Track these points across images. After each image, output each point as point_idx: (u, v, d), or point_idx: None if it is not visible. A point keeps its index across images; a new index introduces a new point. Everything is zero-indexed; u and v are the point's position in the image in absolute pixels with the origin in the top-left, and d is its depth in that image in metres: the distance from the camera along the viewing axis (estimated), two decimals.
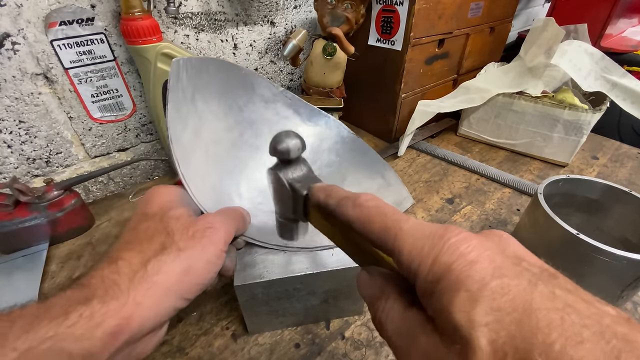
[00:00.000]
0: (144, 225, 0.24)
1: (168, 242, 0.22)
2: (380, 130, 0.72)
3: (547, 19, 0.63)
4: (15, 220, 0.42)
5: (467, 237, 0.14)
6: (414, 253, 0.14)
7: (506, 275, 0.12)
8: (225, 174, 0.37)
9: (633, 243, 0.39)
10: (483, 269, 0.12)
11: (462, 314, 0.12)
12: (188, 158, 0.30)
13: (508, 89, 0.64)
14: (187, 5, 0.52)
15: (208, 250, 0.23)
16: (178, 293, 0.21)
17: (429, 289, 0.13)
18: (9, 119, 0.44)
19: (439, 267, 0.13)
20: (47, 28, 0.42)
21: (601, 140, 0.71)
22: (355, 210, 0.17)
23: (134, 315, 0.19)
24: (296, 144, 0.23)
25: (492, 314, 0.11)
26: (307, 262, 0.31)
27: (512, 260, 0.13)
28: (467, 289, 0.12)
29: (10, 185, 0.41)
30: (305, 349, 0.34)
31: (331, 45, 0.56)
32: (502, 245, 0.14)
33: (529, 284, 0.12)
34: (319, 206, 0.21)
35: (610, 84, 0.61)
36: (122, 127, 0.54)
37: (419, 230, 0.15)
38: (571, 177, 0.40)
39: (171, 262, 0.21)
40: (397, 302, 0.16)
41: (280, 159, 0.24)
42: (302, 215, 0.24)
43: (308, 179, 0.24)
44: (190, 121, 0.32)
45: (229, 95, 0.38)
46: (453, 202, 0.54)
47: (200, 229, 0.24)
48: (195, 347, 0.34)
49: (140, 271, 0.20)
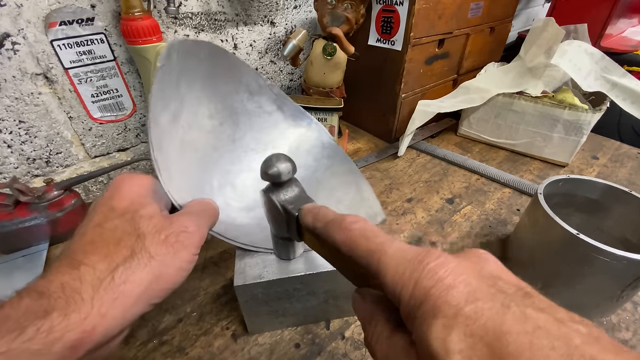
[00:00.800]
0: (111, 224, 0.22)
1: (138, 247, 0.21)
2: (380, 130, 0.72)
3: (547, 19, 0.63)
4: (15, 220, 0.42)
5: (445, 261, 0.14)
6: (397, 277, 0.14)
7: (480, 298, 0.12)
8: (199, 163, 0.35)
9: (633, 243, 0.39)
10: (459, 294, 0.13)
11: (438, 342, 0.12)
12: (163, 143, 0.29)
13: (508, 89, 0.64)
14: (187, 5, 0.52)
15: (180, 256, 0.22)
16: (146, 301, 0.20)
17: (411, 314, 0.14)
18: (9, 119, 0.44)
19: (419, 292, 0.13)
20: (47, 28, 0.42)
21: (601, 140, 0.71)
22: (341, 234, 0.18)
23: (97, 327, 0.18)
24: (287, 167, 0.24)
25: (466, 340, 0.12)
26: (307, 262, 0.31)
27: (488, 281, 0.13)
28: (444, 315, 0.12)
29: (10, 185, 0.41)
30: (305, 349, 0.34)
31: (331, 45, 0.56)
32: (480, 266, 0.15)
33: (502, 307, 0.12)
34: (307, 230, 0.21)
35: (610, 84, 0.61)
36: (122, 127, 0.54)
37: (401, 254, 0.15)
38: (571, 177, 0.40)
39: (141, 271, 0.20)
40: (385, 327, 0.16)
41: (272, 182, 0.25)
42: (296, 236, 0.24)
43: (300, 200, 0.24)
44: (171, 104, 0.31)
45: (215, 80, 0.36)
46: (453, 202, 0.54)
47: (174, 232, 0.22)
48: (195, 347, 0.34)
49: (106, 279, 0.19)
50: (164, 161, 0.27)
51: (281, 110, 0.42)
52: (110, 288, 0.19)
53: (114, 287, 0.19)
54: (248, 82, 0.39)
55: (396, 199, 0.54)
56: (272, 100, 0.41)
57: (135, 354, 0.33)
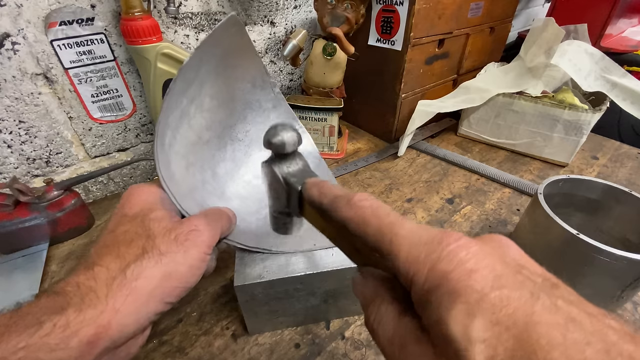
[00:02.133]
0: (123, 228, 0.23)
1: (149, 246, 0.21)
2: (380, 130, 0.72)
3: (547, 19, 0.64)
4: (15, 220, 0.42)
5: (467, 244, 0.13)
6: (410, 260, 0.14)
7: (506, 285, 0.12)
8: (193, 143, 0.34)
9: (633, 243, 0.39)
10: (483, 279, 0.12)
11: (459, 328, 0.11)
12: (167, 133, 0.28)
13: (508, 89, 0.64)
14: (187, 5, 0.52)
15: (191, 254, 0.22)
16: (159, 298, 0.21)
17: (425, 298, 0.13)
18: (9, 119, 0.44)
19: (435, 275, 0.13)
20: (47, 28, 0.42)
21: (601, 140, 0.71)
22: (348, 210, 0.17)
23: (112, 322, 0.18)
24: (292, 137, 0.23)
25: (491, 329, 0.11)
26: (307, 262, 0.31)
27: (513, 268, 0.13)
28: (465, 300, 0.11)
29: (10, 185, 0.41)
30: (305, 349, 0.34)
31: (331, 45, 0.56)
32: (502, 252, 0.14)
33: (531, 296, 0.11)
34: (311, 203, 0.20)
35: (610, 84, 0.61)
36: (122, 127, 0.54)
37: (415, 235, 0.14)
38: (571, 177, 0.40)
39: (152, 267, 0.21)
40: (390, 307, 0.15)
41: (275, 152, 0.23)
42: (296, 210, 0.23)
43: (303, 174, 0.23)
44: (191, 87, 0.31)
45: (227, 60, 0.35)
46: (453, 202, 0.54)
47: (184, 231, 0.23)
48: (195, 347, 0.34)
49: (118, 277, 0.20)
50: (170, 175, 0.27)
51: (275, 110, 0.41)
52: (123, 285, 0.19)
53: (126, 283, 0.19)
54: (254, 74, 0.38)
55: (396, 199, 0.54)
56: (271, 98, 0.41)
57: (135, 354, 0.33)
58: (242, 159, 0.39)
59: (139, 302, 0.20)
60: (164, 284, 0.21)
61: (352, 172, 0.61)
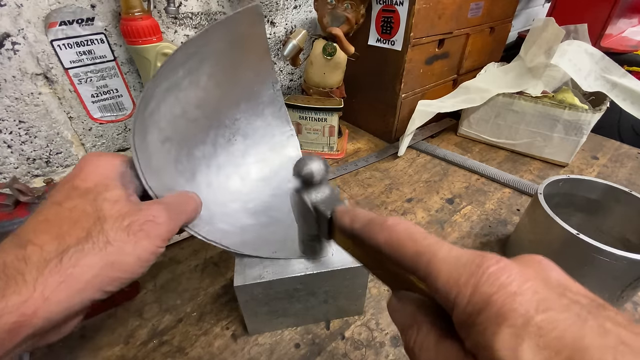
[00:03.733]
0: (70, 203, 0.20)
1: (95, 230, 0.19)
2: (380, 130, 0.72)
3: (547, 19, 0.64)
4: (15, 221, 0.42)
5: (507, 266, 0.13)
6: (451, 282, 0.13)
7: (552, 308, 0.11)
8: (179, 117, 0.32)
9: (633, 243, 0.39)
10: (527, 302, 0.12)
11: (508, 352, 0.11)
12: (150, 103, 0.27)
13: (508, 89, 0.64)
14: (187, 5, 0.52)
15: (142, 245, 0.21)
16: (97, 287, 0.19)
17: (469, 321, 0.13)
18: (9, 119, 0.44)
19: (478, 299, 0.12)
20: (47, 28, 0.42)
21: (601, 140, 0.71)
22: (383, 234, 0.17)
23: (38, 311, 0.17)
24: (319, 168, 0.24)
25: (540, 353, 0.11)
26: (307, 262, 0.31)
27: (557, 290, 0.12)
28: (511, 323, 0.11)
29: (10, 185, 0.41)
30: (305, 349, 0.34)
31: (331, 45, 0.56)
32: (544, 274, 0.13)
33: (578, 319, 0.11)
34: (342, 230, 0.21)
35: (610, 84, 0.61)
36: (122, 127, 0.54)
37: (454, 257, 0.14)
38: (571, 177, 0.40)
39: (94, 255, 0.19)
40: (431, 332, 0.15)
41: (304, 182, 0.25)
42: (326, 235, 0.25)
43: (332, 200, 0.25)
44: (191, 60, 0.30)
45: (238, 42, 0.34)
46: (453, 202, 0.54)
47: (139, 221, 0.21)
48: (195, 347, 0.34)
49: (53, 260, 0.18)
50: (143, 121, 0.26)
51: (271, 105, 0.41)
52: (57, 271, 0.18)
53: (61, 269, 0.18)
54: (261, 65, 0.38)
55: (396, 199, 0.54)
56: (269, 93, 0.40)
57: (135, 354, 0.33)
58: (223, 146, 0.38)
59: (73, 290, 0.18)
60: (104, 273, 0.19)
61: (352, 172, 0.61)
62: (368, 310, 0.37)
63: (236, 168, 0.39)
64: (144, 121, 0.27)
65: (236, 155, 0.39)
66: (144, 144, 0.27)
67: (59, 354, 0.33)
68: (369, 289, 0.39)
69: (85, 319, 0.36)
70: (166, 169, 0.31)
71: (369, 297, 0.38)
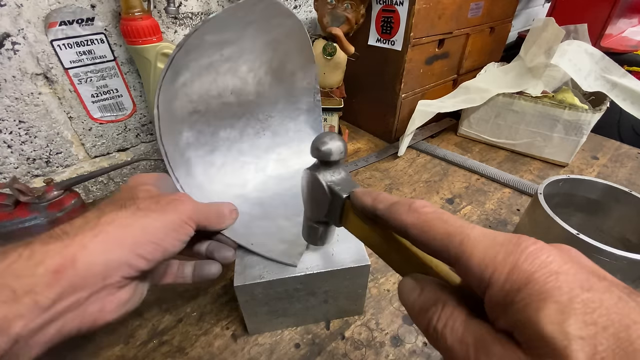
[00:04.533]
0: (115, 197, 0.24)
1: (129, 203, 0.22)
2: (380, 130, 0.72)
3: (547, 19, 0.64)
4: (15, 220, 0.42)
5: (546, 247, 0.13)
6: (487, 260, 0.13)
7: (595, 289, 0.12)
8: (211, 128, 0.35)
9: (633, 243, 0.39)
10: (570, 281, 0.12)
11: (554, 326, 0.11)
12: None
13: (508, 89, 0.64)
14: (187, 5, 0.52)
15: (168, 216, 0.23)
16: (131, 247, 0.21)
17: (507, 299, 0.13)
18: (9, 119, 0.44)
19: (518, 276, 0.12)
20: (47, 28, 0.42)
21: (601, 140, 0.71)
22: (411, 216, 0.17)
23: (78, 256, 0.18)
24: (339, 147, 0.23)
25: (587, 328, 0.11)
26: (307, 262, 0.31)
27: (596, 274, 0.13)
28: (556, 300, 0.11)
29: (10, 185, 0.41)
30: (305, 349, 0.34)
31: (331, 45, 0.56)
32: (577, 259, 0.14)
33: (620, 300, 0.11)
34: (364, 210, 0.20)
35: (610, 84, 0.61)
36: (122, 127, 0.54)
37: (489, 237, 0.14)
38: (571, 177, 0.40)
39: (127, 217, 0.21)
40: (457, 310, 0.15)
41: (321, 159, 0.24)
42: (337, 219, 0.24)
43: (347, 183, 0.24)
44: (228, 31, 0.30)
45: (283, 46, 0.35)
46: (453, 202, 0.54)
47: (167, 199, 0.24)
48: (195, 347, 0.34)
49: (92, 221, 0.20)
50: (172, 89, 0.28)
51: (308, 114, 0.41)
52: (95, 226, 0.20)
53: (98, 225, 0.20)
54: (306, 72, 0.38)
55: None
56: (309, 101, 0.40)
57: (135, 354, 0.33)
58: (250, 136, 0.39)
59: (109, 244, 0.20)
60: (136, 234, 0.21)
61: (352, 172, 0.61)
62: (368, 310, 0.37)
63: (256, 159, 0.39)
64: (173, 89, 0.29)
65: (260, 148, 0.40)
66: (171, 108, 0.29)
67: (59, 353, 0.33)
68: (369, 289, 0.39)
69: None
70: (189, 135, 0.33)
71: (369, 297, 0.38)
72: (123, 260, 0.20)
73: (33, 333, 0.17)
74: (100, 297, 0.20)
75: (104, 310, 0.21)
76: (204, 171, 0.35)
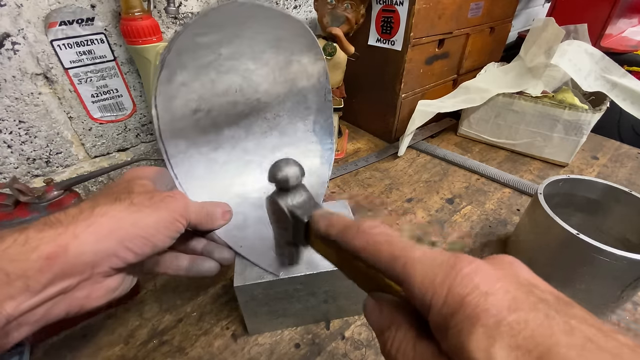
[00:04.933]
0: (111, 188, 0.25)
1: (123, 197, 0.23)
2: (380, 130, 0.72)
3: (547, 19, 0.64)
4: (15, 221, 0.42)
5: (479, 267, 0.13)
6: (426, 283, 0.14)
7: (521, 308, 0.12)
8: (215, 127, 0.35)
9: (633, 243, 0.39)
10: (498, 302, 0.12)
11: (481, 353, 0.11)
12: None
13: (508, 89, 0.64)
14: (187, 5, 0.52)
15: (160, 212, 0.23)
16: (121, 240, 0.21)
17: (444, 323, 0.13)
18: (9, 119, 0.44)
19: (452, 300, 0.13)
20: (47, 28, 0.42)
21: (601, 140, 0.71)
22: (360, 239, 0.17)
23: (69, 245, 0.19)
24: (295, 172, 0.24)
25: (513, 352, 0.11)
26: (307, 262, 0.31)
27: (526, 289, 0.13)
28: (484, 323, 0.12)
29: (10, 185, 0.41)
30: (305, 349, 0.34)
31: (331, 45, 0.56)
32: (514, 272, 0.14)
33: (546, 318, 0.12)
34: (319, 236, 0.21)
35: (610, 84, 0.61)
36: (122, 127, 0.54)
37: (429, 259, 0.14)
38: (571, 177, 0.40)
39: (119, 210, 0.22)
40: (408, 333, 0.15)
41: (280, 187, 0.24)
42: (302, 241, 0.24)
43: (308, 205, 0.24)
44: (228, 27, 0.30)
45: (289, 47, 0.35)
46: (453, 202, 0.54)
47: (161, 195, 0.24)
48: (195, 347, 0.34)
49: (86, 212, 0.21)
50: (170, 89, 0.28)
51: (319, 113, 0.40)
52: (87, 217, 0.21)
53: (91, 217, 0.21)
54: (316, 70, 0.38)
55: (396, 199, 0.54)
56: (319, 101, 0.39)
57: (135, 354, 0.33)
58: (256, 135, 0.38)
59: (99, 235, 0.20)
60: (127, 228, 0.21)
61: (352, 172, 0.61)
62: None
63: (261, 159, 0.39)
64: (172, 87, 0.29)
65: (267, 147, 0.39)
66: (170, 105, 0.29)
67: (59, 353, 0.33)
68: None
69: (86, 318, 0.36)
70: (191, 133, 0.33)
71: None
72: (112, 251, 0.21)
73: (23, 314, 0.18)
74: (88, 284, 0.21)
75: (91, 297, 0.21)
76: (205, 168, 0.35)
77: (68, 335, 0.35)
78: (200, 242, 0.30)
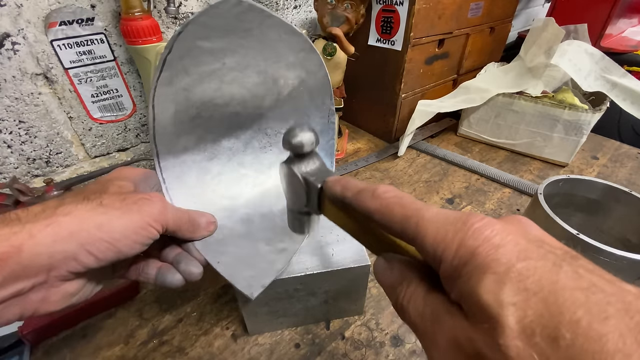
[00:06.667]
0: (86, 187, 0.24)
1: (93, 197, 0.21)
2: (380, 130, 0.72)
3: (547, 19, 0.64)
4: None
5: (491, 222, 0.14)
6: (439, 239, 0.14)
7: (531, 257, 0.13)
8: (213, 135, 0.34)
9: (633, 243, 0.39)
10: (508, 252, 0.13)
11: (490, 295, 0.12)
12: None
13: (508, 89, 0.64)
14: (187, 5, 0.52)
15: (131, 216, 0.22)
16: (81, 242, 0.20)
17: (455, 273, 0.14)
18: (9, 119, 0.44)
19: (464, 251, 0.13)
20: (47, 28, 0.42)
21: (601, 140, 0.71)
22: (374, 202, 0.18)
23: (24, 245, 0.18)
24: (310, 138, 0.24)
25: (520, 294, 0.12)
26: (307, 262, 0.31)
27: (535, 243, 0.14)
28: (494, 271, 0.12)
29: (10, 185, 0.41)
30: (305, 349, 0.34)
31: (331, 45, 0.56)
32: (524, 229, 0.15)
33: (554, 265, 0.12)
34: (334, 199, 0.21)
35: (610, 84, 0.61)
36: (122, 127, 0.54)
37: (441, 217, 0.15)
38: (571, 177, 0.40)
39: (85, 211, 0.20)
40: (419, 287, 0.16)
41: (294, 152, 0.25)
42: (315, 208, 0.24)
43: (321, 172, 0.24)
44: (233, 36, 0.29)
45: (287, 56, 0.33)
46: (453, 202, 0.54)
47: (135, 197, 0.23)
48: (195, 347, 0.34)
49: (48, 210, 0.20)
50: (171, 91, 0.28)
51: (321, 135, 0.38)
52: (49, 216, 0.19)
53: (52, 215, 0.19)
54: (320, 89, 0.37)
55: None
56: (321, 122, 0.38)
57: (135, 354, 0.33)
58: (255, 149, 0.38)
59: (58, 236, 0.19)
60: (90, 229, 0.20)
61: (352, 172, 0.61)
62: (368, 310, 0.37)
63: (257, 174, 0.38)
64: (173, 90, 0.28)
65: (264, 163, 0.38)
66: (169, 108, 0.29)
67: (59, 353, 0.33)
68: (369, 289, 0.39)
69: (86, 318, 0.36)
70: (188, 139, 0.32)
71: (369, 297, 0.38)
72: (70, 254, 0.20)
73: None
74: (44, 288, 0.20)
75: (47, 301, 0.20)
76: (197, 177, 0.34)
77: (68, 335, 0.35)
78: (174, 250, 0.28)
